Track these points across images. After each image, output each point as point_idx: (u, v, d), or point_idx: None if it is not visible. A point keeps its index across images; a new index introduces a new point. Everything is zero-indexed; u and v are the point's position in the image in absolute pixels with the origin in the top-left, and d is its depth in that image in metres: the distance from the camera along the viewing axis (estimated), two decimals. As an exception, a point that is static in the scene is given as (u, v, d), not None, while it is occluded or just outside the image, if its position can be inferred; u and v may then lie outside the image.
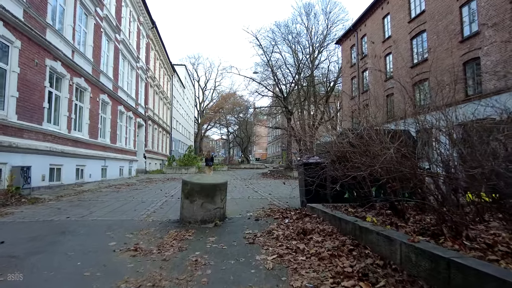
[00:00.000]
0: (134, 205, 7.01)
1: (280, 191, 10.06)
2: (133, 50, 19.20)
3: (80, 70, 11.69)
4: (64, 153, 10.33)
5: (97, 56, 13.60)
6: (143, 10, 21.24)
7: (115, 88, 16.04)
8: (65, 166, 10.54)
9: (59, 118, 10.55)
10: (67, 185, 10.55)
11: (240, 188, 11.12)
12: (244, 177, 18.11)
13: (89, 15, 12.79)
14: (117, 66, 16.47)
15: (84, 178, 12.22)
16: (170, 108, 35.77)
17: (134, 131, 20.12)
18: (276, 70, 23.90)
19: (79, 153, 11.57)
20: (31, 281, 2.68)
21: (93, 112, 13.19)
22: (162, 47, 28.85)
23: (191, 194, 4.74)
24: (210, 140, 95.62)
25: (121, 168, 17.05)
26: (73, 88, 11.30)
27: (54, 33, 9.87)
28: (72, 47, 11.14)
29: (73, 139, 11.25)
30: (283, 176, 17.99)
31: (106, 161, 14.54)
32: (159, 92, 29.03)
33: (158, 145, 29.18)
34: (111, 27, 15.03)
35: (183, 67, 48.11)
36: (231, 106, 37.21)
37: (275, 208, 6.18)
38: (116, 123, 16.41)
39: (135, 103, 20.31)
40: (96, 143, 13.47)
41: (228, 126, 45.54)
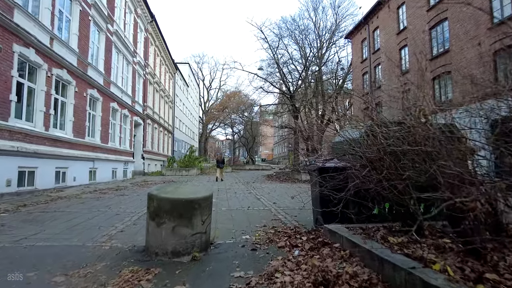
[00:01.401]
0: (104, 219, 5.61)
1: (287, 199, 8.58)
2: (129, 43, 17.90)
3: (61, 61, 10.37)
4: (38, 154, 9.00)
5: (84, 47, 12.28)
6: (141, 2, 19.95)
7: (106, 83, 14.72)
8: (40, 168, 9.21)
9: (34, 114, 9.23)
10: (42, 191, 9.22)
11: (241, 195, 9.66)
12: (247, 180, 16.66)
13: (73, 0, 11.48)
14: (110, 59, 15.16)
15: (67, 182, 10.89)
16: (172, 107, 34.52)
17: (130, 130, 18.81)
18: (282, 66, 22.42)
19: (60, 153, 10.25)
20: None
21: (79, 108, 11.87)
22: (163, 42, 27.58)
23: (158, 214, 3.31)
24: (215, 140, 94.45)
25: (114, 170, 15.73)
26: (52, 80, 9.98)
27: (25, 15, 8.54)
28: (51, 34, 9.81)
29: (52, 138, 9.92)
30: (290, 179, 16.50)
31: (96, 162, 13.21)
32: (159, 90, 27.76)
33: (159, 145, 27.91)
34: (102, 16, 13.71)
35: (186, 65, 46.94)
36: (236, 105, 35.79)
37: (281, 228, 4.70)
38: (108, 121, 15.10)
39: (132, 101, 19.01)
40: (83, 142, 12.15)
41: (233, 126, 44.15)
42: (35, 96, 9.26)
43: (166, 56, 30.16)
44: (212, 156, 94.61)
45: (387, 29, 22.66)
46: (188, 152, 24.38)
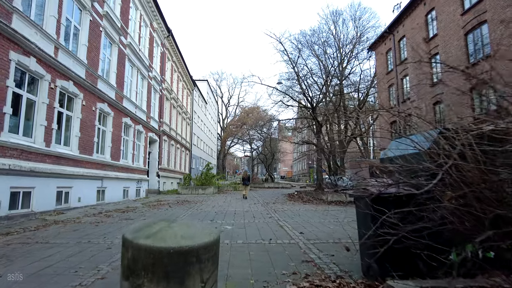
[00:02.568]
0: (89, 255, 4.46)
1: (316, 226, 7.21)
2: (144, 57, 17.37)
3: (67, 72, 9.65)
4: (35, 172, 8.10)
5: (94, 59, 11.63)
6: (157, 16, 19.59)
7: (119, 97, 14.03)
8: (38, 188, 8.29)
9: (33, 129, 8.41)
10: (39, 214, 8.27)
11: (260, 220, 8.35)
12: (266, 200, 15.31)
13: (83, 10, 10.91)
14: (122, 72, 14.54)
15: (70, 203, 9.96)
16: (190, 124, 33.96)
17: (144, 147, 18.03)
18: (303, 79, 21.30)
19: (63, 172, 9.36)
20: None
21: (87, 123, 11.09)
22: (180, 58, 27.24)
23: (134, 271, 2.07)
24: (234, 157, 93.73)
25: (125, 189, 14.81)
26: (56, 93, 9.22)
27: (25, 21, 7.86)
28: (56, 43, 9.13)
29: (54, 154, 9.06)
30: (314, 200, 15.01)
31: (104, 181, 12.31)
32: (177, 106, 27.22)
33: (176, 162, 27.12)
34: (114, 27, 13.15)
35: (205, 82, 46.87)
36: (254, 120, 34.84)
37: (317, 279, 3.34)
38: (120, 137, 14.31)
39: (147, 116, 18.32)
40: (90, 159, 11.29)
41: (252, 142, 43.10)
42: (35, 109, 8.47)
43: (183, 72, 29.82)
44: (231, 173, 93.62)
45: (415, 38, 21.24)
46: (204, 169, 23.33)
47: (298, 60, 21.90)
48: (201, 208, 11.29)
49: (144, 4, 17.31)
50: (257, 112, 38.39)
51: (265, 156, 38.67)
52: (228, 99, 61.39)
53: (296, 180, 61.24)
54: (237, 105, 58.12)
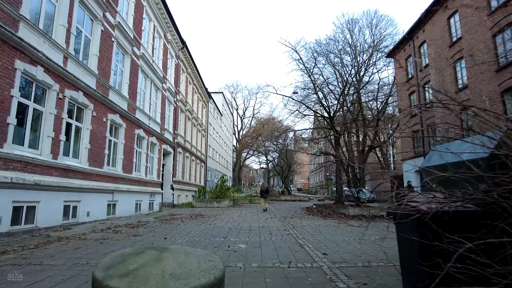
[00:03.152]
0: (83, 281, 3.89)
1: (340, 245, 6.43)
2: (157, 68, 17.21)
3: (76, 82, 9.39)
4: (40, 186, 7.73)
5: (105, 69, 11.42)
6: (171, 27, 19.55)
7: (131, 109, 13.77)
8: (43, 203, 7.90)
9: (40, 140, 8.09)
10: (44, 229, 7.85)
11: (277, 237, 7.64)
12: (284, 214, 14.52)
13: (95, 20, 10.75)
14: (135, 84, 14.33)
15: (78, 218, 9.54)
16: (205, 136, 33.71)
17: (158, 159, 17.69)
18: (319, 88, 20.61)
19: (71, 185, 8.97)
20: None
21: (97, 135, 10.78)
22: (195, 70, 27.18)
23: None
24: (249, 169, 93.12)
25: (138, 203, 14.38)
26: (65, 103, 8.93)
27: (32, 30, 7.63)
28: (65, 53, 8.90)
29: (61, 167, 8.71)
30: (334, 214, 14.11)
31: (115, 194, 11.91)
32: (192, 118, 27.03)
33: (191, 174, 26.73)
34: (127, 38, 13.00)
35: (220, 95, 46.91)
36: (270, 131, 34.27)
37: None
38: (133, 149, 13.98)
39: (161, 128, 18.05)
40: (101, 172, 10.92)
41: (267, 154, 42.42)
42: (42, 120, 8.17)
43: (198, 84, 29.75)
44: (246, 185, 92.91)
45: (437, 43, 20.32)
46: (219, 181, 22.76)
47: (314, 70, 21.31)
48: (215, 223, 10.66)
49: (158, 15, 17.26)
50: (273, 123, 37.83)
51: (281, 167, 37.84)
52: (244, 111, 61.25)
53: (314, 193, 59.83)
54: (252, 117, 57.92)
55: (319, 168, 65.56)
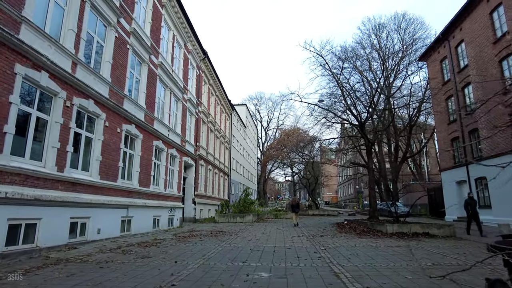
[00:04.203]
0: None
1: (386, 274, 5.13)
2: (177, 78, 16.70)
3: (86, 90, 8.82)
4: (42, 201, 7.02)
5: (119, 77, 10.88)
6: (191, 37, 19.15)
7: (149, 119, 13.17)
8: (45, 220, 7.18)
9: (44, 151, 7.46)
10: (46, 249, 7.11)
11: (306, 262, 6.41)
12: (312, 232, 13.16)
13: (108, 26, 10.28)
14: (153, 93, 13.77)
15: (87, 235, 8.78)
16: (228, 148, 33.01)
17: (179, 172, 16.98)
18: (347, 95, 19.25)
19: (78, 200, 8.26)
20: None
21: (110, 146, 10.13)
22: (217, 81, 26.72)
23: None
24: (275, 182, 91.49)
25: (156, 218, 13.59)
26: (73, 112, 8.33)
27: (36, 33, 7.10)
28: (74, 58, 8.36)
29: (67, 180, 8.03)
30: (370, 232, 12.60)
31: (130, 210, 11.16)
32: (214, 130, 26.41)
33: (214, 188, 25.91)
34: (143, 46, 12.51)
35: (243, 107, 46.43)
36: (295, 142, 33.01)
37: None
38: (150, 161, 13.31)
39: (181, 140, 17.41)
40: (114, 186, 10.22)
41: (292, 166, 40.99)
42: (47, 129, 7.56)
43: (221, 95, 29.27)
44: (272, 199, 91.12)
45: (478, 41, 18.51)
46: (242, 195, 21.71)
47: (340, 76, 20.04)
48: (235, 243, 9.56)
49: (177, 25, 16.86)
50: (298, 134, 36.56)
51: (308, 180, 36.25)
52: (268, 122, 60.43)
53: (343, 206, 57.26)
54: (276, 129, 56.93)
55: (348, 180, 63.00)
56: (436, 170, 44.28)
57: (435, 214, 25.54)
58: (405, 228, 12.15)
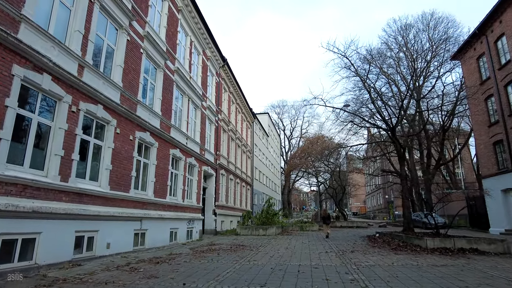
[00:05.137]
0: None
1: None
2: (195, 85, 16.18)
3: (94, 94, 8.31)
4: (42, 214, 6.43)
5: (132, 82, 10.38)
6: (210, 44, 18.70)
7: (165, 127, 12.61)
8: (46, 234, 6.57)
9: (46, 159, 6.92)
10: (47, 266, 6.47)
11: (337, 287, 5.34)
12: (341, 246, 11.93)
13: (119, 29, 9.85)
14: (170, 100, 13.25)
15: (95, 251, 8.13)
16: (250, 157, 32.21)
17: (198, 181, 16.30)
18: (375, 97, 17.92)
19: (84, 212, 7.64)
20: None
21: (122, 154, 9.56)
22: (238, 89, 26.17)
23: None
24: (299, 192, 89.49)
25: (173, 231, 12.87)
26: (79, 117, 7.81)
27: (37, 33, 6.65)
28: (80, 61, 7.88)
29: (73, 191, 7.44)
30: (406, 246, 11.22)
31: (144, 222, 10.49)
32: (235, 138, 25.74)
33: (235, 198, 25.07)
34: (158, 51, 12.05)
35: (265, 115, 45.74)
36: (320, 149, 31.69)
37: None
38: (167, 170, 12.69)
39: (200, 148, 16.78)
40: (126, 197, 9.60)
41: (318, 175, 39.46)
42: (50, 136, 7.03)
43: (242, 103, 28.67)
44: (297, 209, 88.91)
45: (521, 33, 16.77)
46: (265, 205, 20.68)
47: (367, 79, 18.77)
48: (255, 259, 8.58)
49: (195, 30, 16.44)
50: (322, 141, 35.18)
51: (334, 190, 34.60)
52: (291, 131, 59.27)
53: (372, 217, 54.57)
54: (300, 137, 55.64)
55: (377, 189, 60.27)
56: (472, 177, 41.14)
57: (476, 225, 23.27)
58: (448, 243, 10.66)
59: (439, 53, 26.38)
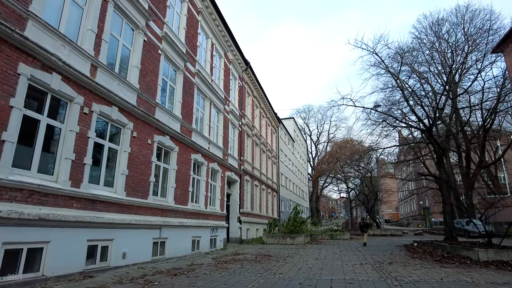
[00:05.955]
0: None
1: None
2: (218, 89, 15.72)
3: (109, 96, 7.93)
4: (49, 221, 5.99)
5: (150, 83, 9.99)
6: (232, 46, 18.25)
7: (186, 131, 12.15)
8: (55, 243, 6.14)
9: (56, 163, 6.54)
10: (55, 278, 6.01)
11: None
12: (377, 257, 10.78)
13: (136, 29, 9.53)
14: (190, 103, 12.81)
15: (110, 261, 7.64)
16: (276, 163, 31.36)
17: (221, 187, 15.70)
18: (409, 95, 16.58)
19: (97, 220, 7.19)
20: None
21: (139, 159, 9.12)
22: (261, 93, 25.55)
23: None
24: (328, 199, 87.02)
25: (195, 240, 12.29)
26: (92, 119, 7.42)
27: (46, 30, 6.33)
28: (93, 61, 7.54)
29: (86, 197, 7.01)
30: (452, 257, 9.90)
31: (163, 230, 9.96)
32: (260, 143, 25.05)
33: (261, 205, 24.27)
34: (177, 52, 11.67)
35: (291, 120, 44.78)
36: (349, 154, 30.23)
37: None
38: (188, 176, 12.17)
39: (223, 153, 16.23)
40: (144, 204, 9.12)
41: (347, 181, 37.80)
42: (60, 139, 6.66)
43: (266, 108, 28.01)
44: (326, 217, 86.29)
45: None
46: (292, 213, 19.71)
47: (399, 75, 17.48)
48: (282, 272, 7.74)
49: (216, 33, 16.05)
50: (351, 145, 33.66)
51: (366, 196, 32.86)
52: (317, 136, 57.71)
53: (405, 225, 51.58)
54: (327, 142, 54.03)
55: (410, 195, 57.16)
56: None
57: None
58: (505, 255, 9.25)
59: (478, 47, 24.48)
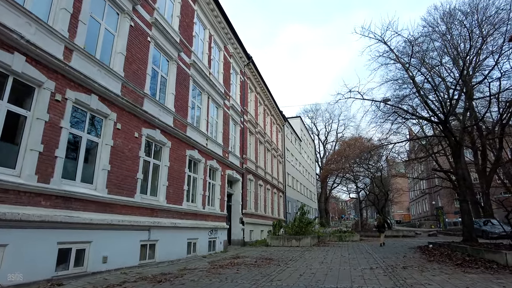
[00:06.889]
0: None
1: None
2: (216, 82, 14.90)
3: (86, 82, 7.15)
4: (7, 222, 5.19)
5: (137, 72, 9.20)
6: (232, 39, 17.44)
7: (180, 125, 11.34)
8: (12, 247, 5.34)
9: (20, 155, 5.75)
10: (14, 287, 5.21)
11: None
12: (389, 260, 9.76)
13: (121, 13, 8.75)
14: (185, 96, 12.01)
15: (87, 266, 6.82)
16: (282, 162, 30.40)
17: (221, 186, 14.84)
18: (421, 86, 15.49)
19: (72, 220, 6.39)
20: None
21: (124, 153, 8.32)
22: (265, 90, 24.68)
23: None
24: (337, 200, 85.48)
25: (191, 242, 11.44)
26: (66, 108, 6.63)
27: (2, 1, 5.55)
28: (67, 43, 6.76)
29: (57, 194, 6.22)
30: (474, 260, 8.82)
31: (153, 232, 9.13)
32: (264, 141, 24.14)
33: (266, 206, 23.34)
34: (170, 41, 10.88)
35: (297, 119, 43.74)
36: (358, 152, 29.07)
37: None
38: (183, 173, 11.35)
39: (223, 150, 15.37)
40: (129, 202, 8.31)
41: (357, 181, 36.57)
42: (26, 128, 5.88)
43: (271, 105, 27.12)
44: (335, 218, 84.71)
45: None
46: (297, 213, 18.73)
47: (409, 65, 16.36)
48: (280, 278, 6.82)
49: (214, 24, 15.24)
50: (360, 143, 32.47)
51: (376, 196, 31.62)
52: (325, 136, 56.54)
53: (418, 226, 49.94)
54: (336, 141, 52.82)
55: (422, 195, 55.45)
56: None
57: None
58: (535, 258, 8.14)
59: (494, 37, 23.15)
